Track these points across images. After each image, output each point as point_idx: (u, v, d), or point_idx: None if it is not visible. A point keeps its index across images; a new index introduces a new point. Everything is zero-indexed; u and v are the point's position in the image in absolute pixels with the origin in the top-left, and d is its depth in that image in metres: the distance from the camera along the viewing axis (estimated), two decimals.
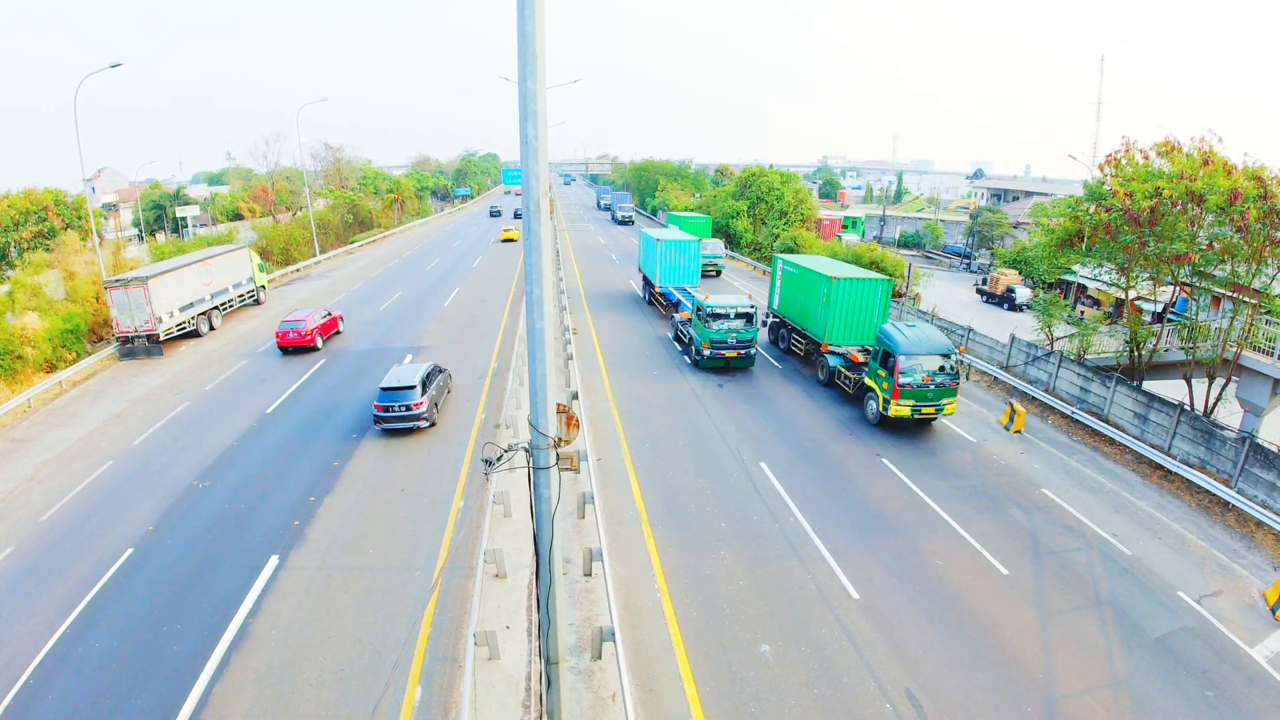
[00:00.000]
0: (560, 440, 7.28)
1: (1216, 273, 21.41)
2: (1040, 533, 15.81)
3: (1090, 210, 23.03)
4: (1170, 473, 18.77)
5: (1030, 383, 25.28)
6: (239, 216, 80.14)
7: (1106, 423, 21.60)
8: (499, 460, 7.38)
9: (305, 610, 12.82)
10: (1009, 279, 48.81)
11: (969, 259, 69.17)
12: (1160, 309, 26.84)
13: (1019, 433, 21.41)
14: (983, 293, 50.97)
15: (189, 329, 31.45)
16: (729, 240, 57.61)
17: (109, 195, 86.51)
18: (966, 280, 59.33)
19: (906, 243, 79.28)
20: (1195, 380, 21.75)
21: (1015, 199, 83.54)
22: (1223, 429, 18.83)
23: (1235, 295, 20.67)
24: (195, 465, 18.79)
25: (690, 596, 13.33)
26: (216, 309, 33.85)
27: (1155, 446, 20.06)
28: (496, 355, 28.31)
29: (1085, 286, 41.19)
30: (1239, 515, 16.74)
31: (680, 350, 29.61)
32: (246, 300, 37.62)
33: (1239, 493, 17.14)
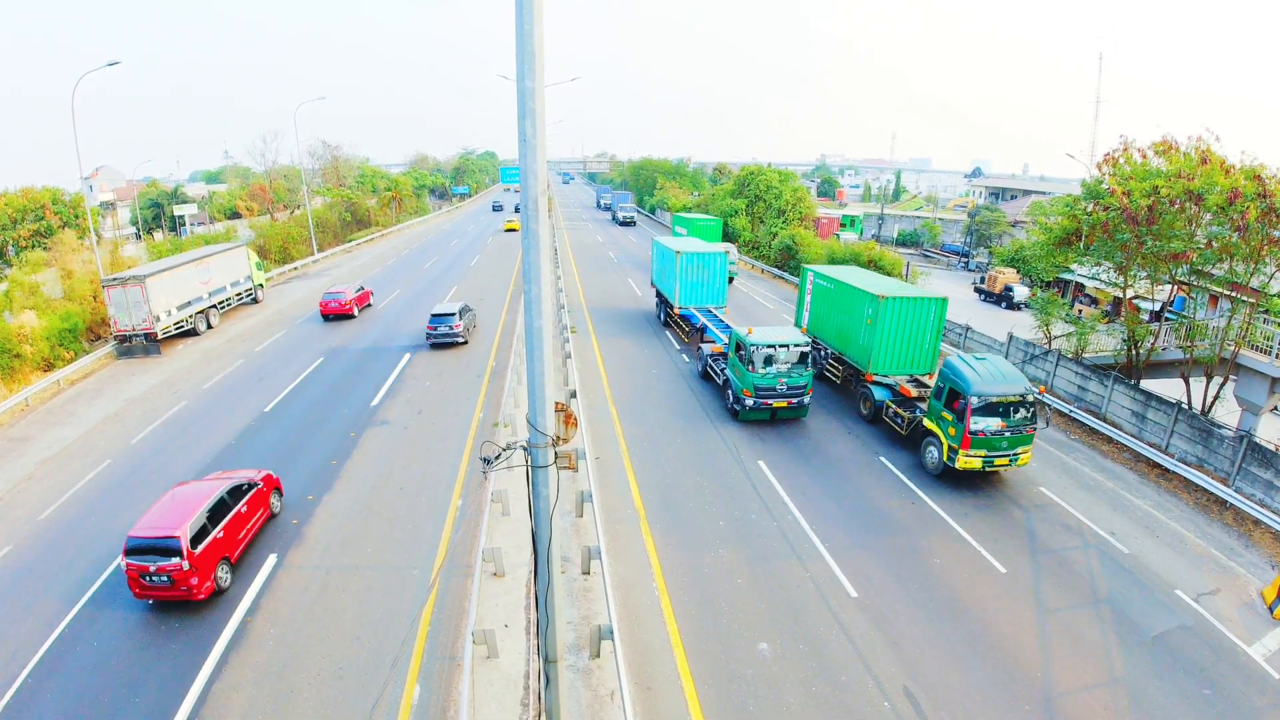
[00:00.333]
0: (558, 439, 7.27)
1: (1214, 271, 21.43)
2: (1038, 531, 15.83)
3: (1088, 209, 23.05)
4: (1168, 471, 18.80)
5: (1030, 381, 25.30)
6: (237, 215, 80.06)
7: (1104, 421, 21.63)
8: (497, 459, 7.37)
9: (304, 609, 12.81)
10: (1007, 277, 48.89)
11: (967, 257, 69.22)
12: (1158, 308, 26.89)
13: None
14: (981, 291, 51.04)
15: (187, 327, 31.41)
16: (726, 239, 57.62)
17: (106, 193, 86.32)
18: (964, 279, 59.38)
19: (904, 241, 79.33)
20: (1193, 379, 21.78)
21: (1013, 197, 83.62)
22: (1220, 427, 18.87)
23: (1233, 294, 20.69)
24: (193, 464, 18.76)
25: (689, 595, 13.34)
26: (214, 307, 33.80)
27: (1153, 445, 20.09)
28: (494, 354, 28.29)
29: (1083, 285, 41.24)
30: (1237, 514, 16.78)
31: (708, 387, 24.59)
32: (244, 299, 37.56)
33: (1237, 491, 17.18)
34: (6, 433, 21.87)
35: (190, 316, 31.58)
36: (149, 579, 12.48)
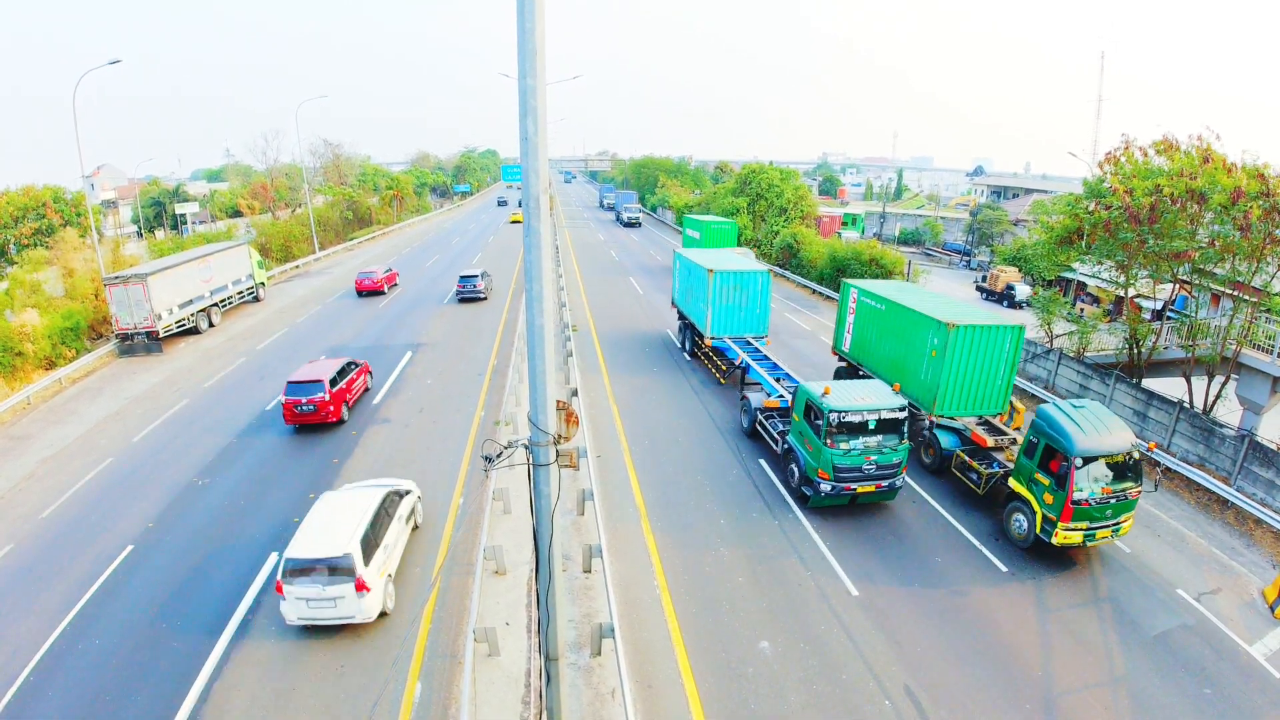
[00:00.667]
0: (560, 437, 7.27)
1: (1216, 270, 21.39)
2: None
3: (1090, 208, 23.00)
4: (1169, 470, 18.78)
5: (1029, 380, 25.29)
6: (238, 213, 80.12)
7: None
8: (499, 457, 7.38)
9: None
10: (1009, 276, 48.80)
11: (969, 256, 69.10)
12: (1160, 307, 26.84)
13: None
14: (982, 290, 50.95)
15: (188, 326, 31.44)
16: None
17: (108, 192, 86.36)
18: (966, 277, 59.28)
19: (906, 240, 79.21)
20: (1195, 378, 21.74)
21: (1015, 196, 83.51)
22: (1222, 427, 18.84)
23: (1235, 293, 20.65)
24: (195, 462, 18.79)
25: (690, 593, 13.35)
26: (216, 306, 33.83)
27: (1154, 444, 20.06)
28: (496, 352, 28.28)
29: (1085, 284, 41.17)
30: (1238, 513, 16.76)
31: (756, 447, 19.40)
32: (246, 297, 37.59)
33: (1238, 490, 17.16)
34: (8, 431, 21.91)
35: (192, 315, 31.62)
36: (299, 409, 19.65)
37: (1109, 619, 12.86)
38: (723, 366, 25.52)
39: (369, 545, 12.12)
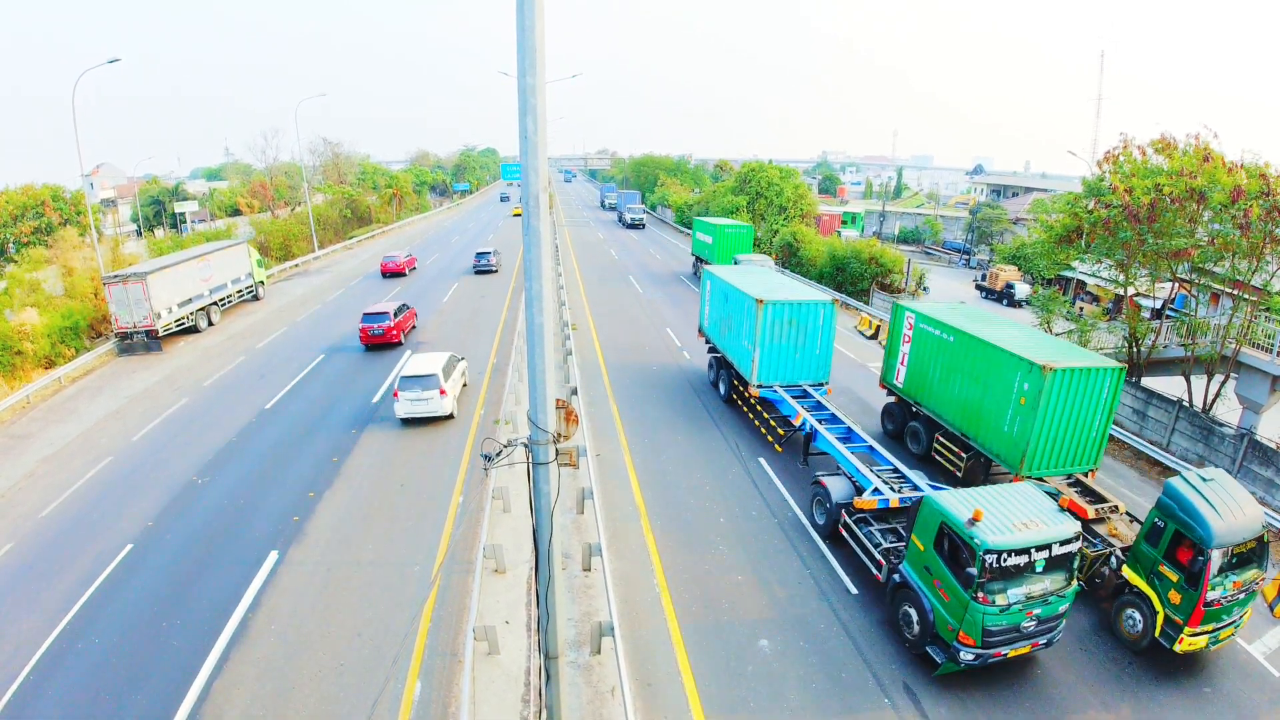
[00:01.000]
0: (559, 436, 7.27)
1: (1216, 269, 21.38)
2: None
3: (1089, 206, 22.99)
4: (1169, 469, 18.78)
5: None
6: (237, 212, 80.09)
7: None
8: (498, 456, 7.37)
9: (304, 605, 12.83)
10: (1008, 274, 48.83)
11: (968, 254, 69.12)
12: (1159, 305, 26.84)
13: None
14: (982, 288, 50.98)
15: (188, 325, 31.43)
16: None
17: (107, 191, 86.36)
18: (966, 276, 59.31)
19: (906, 238, 79.23)
20: (1194, 377, 21.75)
21: (1015, 195, 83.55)
22: (1221, 425, 18.85)
23: (1235, 292, 20.66)
24: (194, 461, 18.79)
25: (689, 591, 13.35)
26: (215, 305, 33.82)
27: (1153, 443, 20.08)
28: (495, 351, 28.27)
29: (1084, 282, 41.18)
30: None
31: (838, 553, 14.50)
32: (245, 296, 37.57)
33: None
34: (8, 430, 21.90)
35: (191, 314, 31.60)
36: (372, 333, 27.92)
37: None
38: (769, 419, 20.25)
39: (446, 372, 20.88)
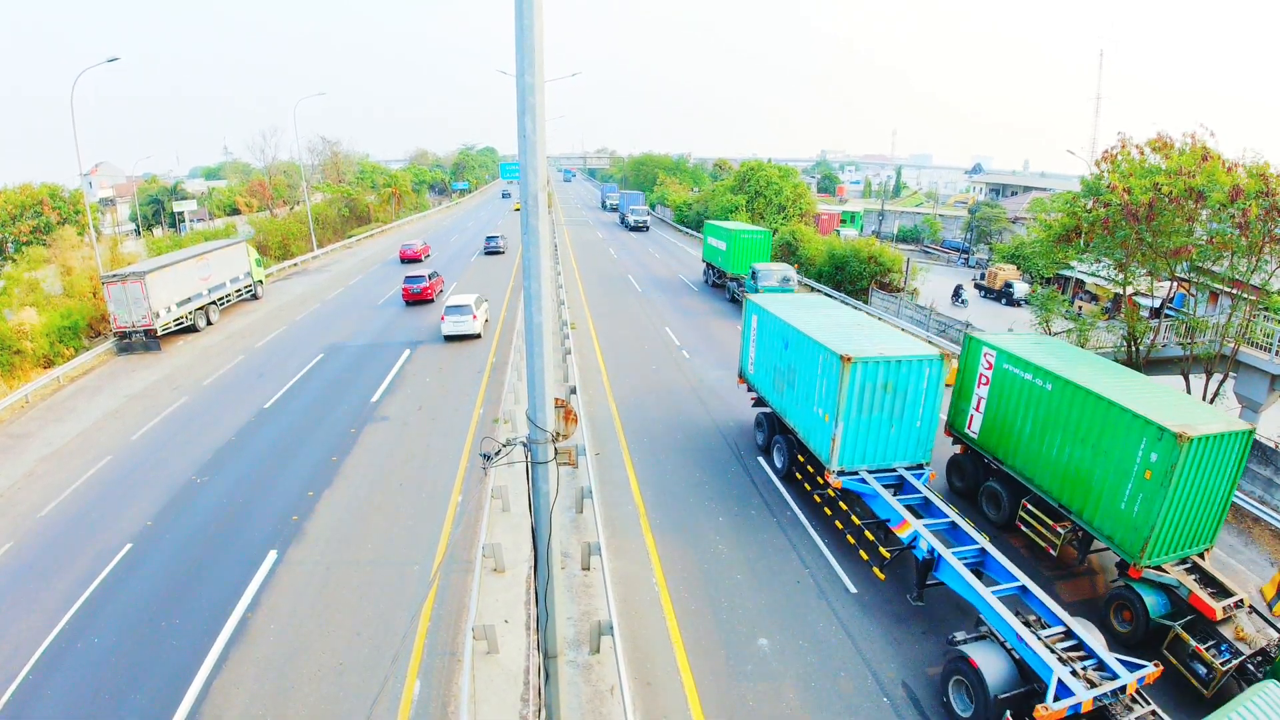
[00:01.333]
0: (558, 435, 7.27)
1: (1214, 268, 21.40)
2: None
3: (1088, 206, 23.00)
4: None
5: None
6: (236, 211, 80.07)
7: None
8: (497, 455, 7.38)
9: (304, 605, 12.84)
10: (1007, 274, 48.88)
11: (967, 254, 69.16)
12: (1158, 304, 26.86)
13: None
14: (981, 287, 51.02)
15: (187, 324, 31.39)
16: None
17: (106, 190, 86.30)
18: (965, 275, 59.31)
19: (905, 237, 79.29)
20: (1193, 375, 21.77)
21: (1014, 194, 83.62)
22: None
23: (1233, 291, 20.67)
24: (193, 460, 18.78)
25: (688, 590, 13.36)
26: (214, 304, 33.78)
27: None
28: (494, 350, 28.28)
29: (1083, 281, 41.21)
30: (1236, 511, 16.74)
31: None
32: (244, 295, 37.54)
33: (1236, 488, 17.13)
34: (6, 429, 21.88)
35: (190, 313, 31.57)
36: (413, 291, 36.24)
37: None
38: (855, 520, 14.92)
39: (476, 304, 29.83)
